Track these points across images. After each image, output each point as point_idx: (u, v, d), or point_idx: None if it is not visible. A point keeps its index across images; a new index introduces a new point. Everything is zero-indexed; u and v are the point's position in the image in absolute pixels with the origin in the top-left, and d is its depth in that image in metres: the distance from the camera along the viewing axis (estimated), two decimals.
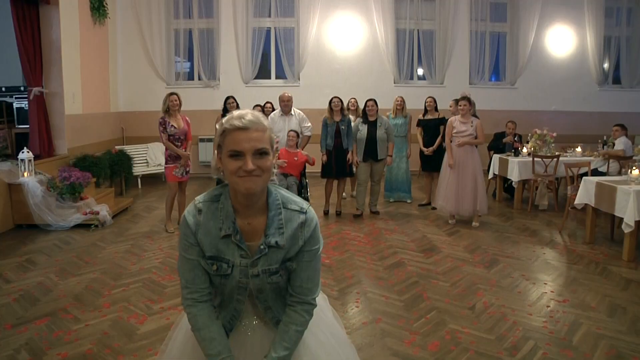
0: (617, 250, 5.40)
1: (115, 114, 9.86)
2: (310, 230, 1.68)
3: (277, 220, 1.64)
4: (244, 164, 1.52)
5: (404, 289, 4.33)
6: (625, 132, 7.27)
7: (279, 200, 1.67)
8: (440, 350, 3.24)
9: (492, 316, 3.77)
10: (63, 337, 3.40)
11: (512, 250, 5.50)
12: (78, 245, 5.67)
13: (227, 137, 1.56)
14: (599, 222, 6.13)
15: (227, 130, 1.55)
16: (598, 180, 5.54)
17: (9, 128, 7.67)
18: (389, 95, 8.85)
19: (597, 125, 10.61)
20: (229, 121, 1.56)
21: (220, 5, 10.09)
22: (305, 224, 1.67)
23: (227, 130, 1.55)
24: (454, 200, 6.40)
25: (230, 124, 1.55)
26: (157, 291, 4.27)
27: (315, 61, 10.40)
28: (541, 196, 7.54)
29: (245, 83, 10.33)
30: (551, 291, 4.30)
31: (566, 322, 3.67)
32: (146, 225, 6.55)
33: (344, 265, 4.99)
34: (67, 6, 7.62)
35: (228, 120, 1.57)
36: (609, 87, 11.36)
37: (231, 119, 1.56)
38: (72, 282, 4.47)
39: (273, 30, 10.45)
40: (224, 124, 1.57)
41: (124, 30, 10.01)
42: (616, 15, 11.19)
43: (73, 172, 6.59)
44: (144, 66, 10.16)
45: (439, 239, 5.96)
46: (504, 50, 11.17)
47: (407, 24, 10.62)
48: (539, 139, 7.51)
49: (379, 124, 6.80)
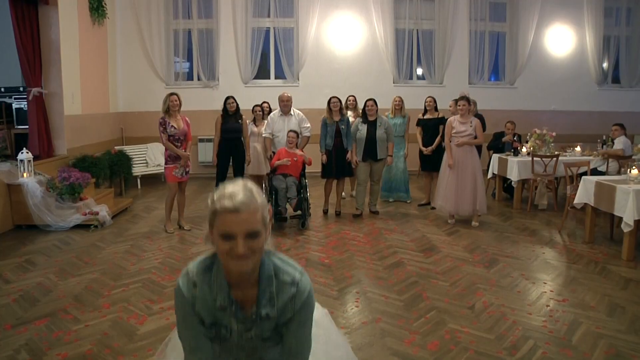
0: (617, 249, 5.40)
1: (115, 115, 9.85)
2: (301, 302, 1.64)
3: (269, 292, 1.63)
4: (235, 247, 1.47)
5: (403, 289, 4.34)
6: (624, 132, 7.28)
7: (271, 271, 1.63)
8: (440, 350, 3.25)
9: (491, 316, 3.77)
10: (63, 338, 3.40)
11: (511, 249, 5.51)
12: (78, 245, 5.67)
13: (217, 217, 1.49)
14: (598, 221, 6.14)
15: (218, 212, 1.48)
16: (597, 180, 5.55)
17: (8, 129, 7.66)
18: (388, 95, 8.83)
19: (596, 125, 10.62)
20: (220, 201, 1.49)
21: (219, 5, 10.09)
22: (296, 296, 1.64)
23: (217, 212, 1.49)
24: (453, 200, 6.40)
25: (221, 205, 1.47)
26: (156, 291, 4.27)
27: (315, 61, 10.40)
28: (540, 196, 7.54)
29: (245, 83, 10.33)
30: (550, 290, 4.30)
31: (566, 321, 3.67)
32: (146, 226, 6.55)
33: (343, 265, 4.99)
34: (66, 7, 7.61)
35: (219, 199, 1.49)
36: (608, 86, 11.38)
37: (222, 198, 1.49)
38: (72, 283, 4.47)
39: (272, 30, 10.45)
40: (215, 203, 1.50)
41: (123, 30, 10.01)
42: (615, 15, 11.21)
43: (72, 173, 6.58)
44: (143, 66, 10.16)
45: (438, 238, 5.96)
46: (504, 49, 11.19)
47: (406, 24, 10.63)
48: (539, 139, 7.51)
49: (379, 124, 6.79)
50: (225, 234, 1.48)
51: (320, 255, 5.27)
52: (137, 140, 9.90)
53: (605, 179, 5.59)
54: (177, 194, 6.19)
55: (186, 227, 6.29)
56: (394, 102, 7.70)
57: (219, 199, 1.49)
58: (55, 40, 7.41)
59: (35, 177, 6.39)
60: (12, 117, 7.88)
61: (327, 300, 4.09)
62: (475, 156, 6.40)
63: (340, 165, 6.80)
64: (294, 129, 6.68)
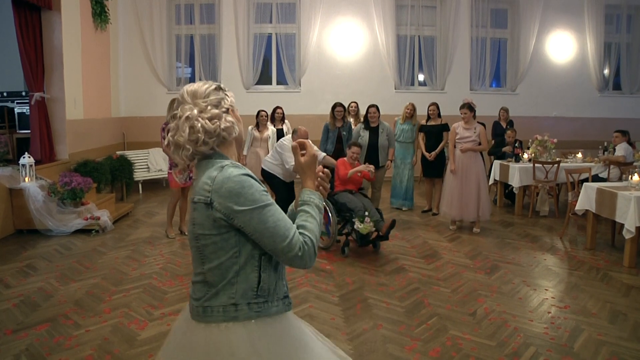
0: (618, 256, 5.39)
1: (117, 120, 9.88)
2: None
3: None
4: None
5: (405, 295, 4.33)
6: (625, 139, 7.28)
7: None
8: (442, 357, 3.24)
9: (493, 322, 3.77)
10: (63, 343, 3.39)
11: (513, 256, 5.50)
12: (79, 250, 5.67)
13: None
14: (599, 228, 6.13)
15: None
16: (599, 186, 5.54)
17: (10, 133, 7.67)
18: (389, 101, 8.89)
19: (597, 132, 10.64)
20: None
21: (221, 11, 10.13)
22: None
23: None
24: (457, 206, 6.40)
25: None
26: (157, 297, 4.26)
27: (316, 67, 10.43)
28: (542, 202, 7.54)
29: (247, 89, 10.35)
30: (552, 297, 4.29)
31: (567, 328, 3.66)
32: (147, 231, 6.55)
33: (344, 271, 4.99)
34: (69, 12, 7.65)
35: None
36: (610, 93, 11.38)
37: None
38: (73, 288, 4.47)
39: (274, 36, 10.48)
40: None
41: (126, 35, 10.05)
42: (616, 22, 11.24)
43: (74, 178, 6.59)
44: (145, 72, 10.19)
45: (440, 245, 5.95)
46: (505, 56, 11.21)
47: (407, 30, 10.66)
48: (540, 145, 7.52)
49: (381, 130, 6.81)
50: None
51: (322, 262, 5.27)
52: (138, 145, 9.92)
53: (606, 186, 5.59)
54: (179, 200, 6.20)
55: (187, 232, 6.28)
56: (405, 110, 7.55)
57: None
58: (58, 46, 7.44)
59: (36, 181, 6.39)
60: (14, 122, 7.91)
61: (329, 306, 4.08)
62: (479, 162, 6.41)
63: None
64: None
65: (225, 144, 1.63)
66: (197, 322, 1.60)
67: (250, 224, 1.50)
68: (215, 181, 1.51)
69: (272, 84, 10.74)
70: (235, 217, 1.50)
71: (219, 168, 1.55)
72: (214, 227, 1.53)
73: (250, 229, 1.51)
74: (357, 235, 5.20)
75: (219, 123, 1.58)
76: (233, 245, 1.55)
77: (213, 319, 1.57)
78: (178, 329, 1.72)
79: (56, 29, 7.42)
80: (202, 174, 1.58)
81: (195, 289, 1.63)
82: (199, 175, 1.60)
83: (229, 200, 1.49)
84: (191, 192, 1.66)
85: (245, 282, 1.57)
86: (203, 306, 1.58)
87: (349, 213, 5.32)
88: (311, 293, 4.37)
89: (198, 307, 1.60)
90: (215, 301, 1.57)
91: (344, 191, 5.61)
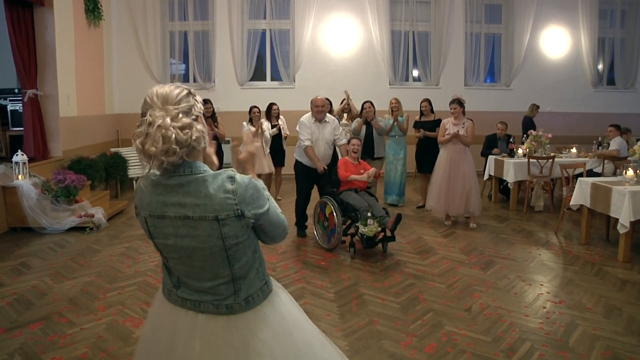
0: (613, 251, 5.41)
1: (111, 116, 9.82)
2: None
3: None
4: None
5: (400, 291, 4.33)
6: (620, 133, 7.31)
7: None
8: (437, 352, 3.24)
9: (488, 318, 3.77)
10: (58, 341, 3.38)
11: (508, 251, 5.51)
12: (73, 248, 5.64)
13: None
14: (594, 223, 6.15)
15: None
16: (593, 181, 5.56)
17: (3, 131, 7.61)
18: (384, 96, 8.86)
19: (591, 127, 10.68)
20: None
21: (215, 7, 10.08)
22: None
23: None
24: (443, 200, 6.42)
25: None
26: (152, 294, 4.24)
27: (311, 63, 10.40)
28: (537, 197, 7.55)
29: (241, 85, 10.31)
30: (547, 292, 4.31)
31: (562, 323, 3.68)
32: (141, 228, 6.50)
33: (339, 267, 4.98)
34: (61, 8, 7.59)
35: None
36: (604, 88, 11.43)
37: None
38: (67, 286, 4.45)
39: (268, 32, 10.43)
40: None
41: (119, 32, 9.98)
42: (610, 17, 11.25)
43: (68, 175, 6.55)
44: (139, 68, 10.13)
45: (435, 240, 5.96)
46: (499, 51, 11.22)
47: (402, 26, 10.64)
48: (534, 140, 7.53)
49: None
50: None
51: (317, 258, 5.26)
52: (132, 142, 9.85)
53: (601, 181, 5.60)
54: None
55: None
56: (390, 105, 7.59)
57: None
58: (51, 42, 7.38)
59: (30, 179, 6.35)
60: (7, 119, 7.84)
61: (324, 302, 4.08)
62: (468, 158, 6.41)
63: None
64: (328, 138, 5.81)
65: (193, 152, 1.59)
66: (229, 315, 1.67)
67: (270, 220, 1.66)
68: (237, 193, 1.55)
69: (267, 80, 10.71)
70: (261, 218, 1.63)
71: (229, 180, 1.56)
72: (245, 233, 1.62)
73: (268, 223, 1.66)
74: (363, 238, 5.13)
75: (190, 133, 1.53)
76: (253, 238, 1.69)
77: (255, 304, 1.70)
78: (189, 339, 1.67)
79: (49, 25, 7.35)
80: (205, 190, 1.55)
81: (217, 291, 1.66)
82: (198, 191, 1.56)
83: (255, 206, 1.59)
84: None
85: (260, 261, 1.75)
86: (244, 298, 1.67)
87: (355, 213, 5.24)
88: (306, 289, 4.37)
89: (233, 303, 1.66)
90: (252, 289, 1.69)
91: (348, 190, 5.47)
